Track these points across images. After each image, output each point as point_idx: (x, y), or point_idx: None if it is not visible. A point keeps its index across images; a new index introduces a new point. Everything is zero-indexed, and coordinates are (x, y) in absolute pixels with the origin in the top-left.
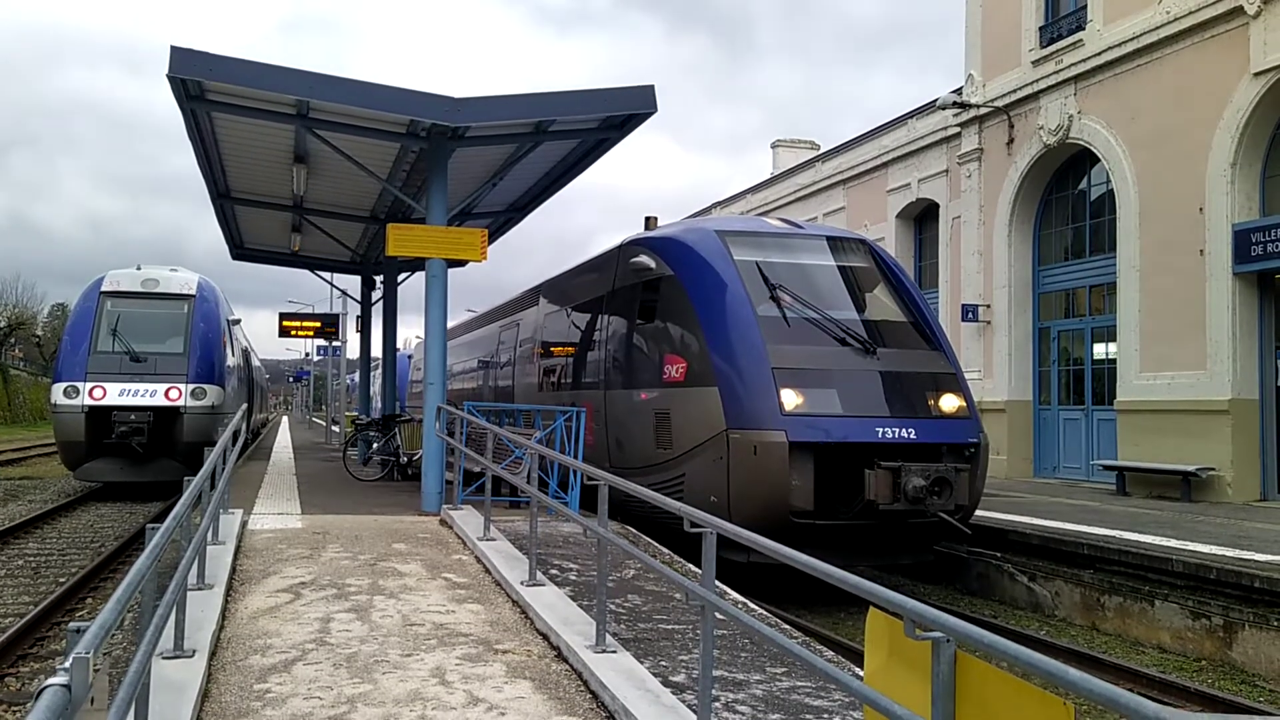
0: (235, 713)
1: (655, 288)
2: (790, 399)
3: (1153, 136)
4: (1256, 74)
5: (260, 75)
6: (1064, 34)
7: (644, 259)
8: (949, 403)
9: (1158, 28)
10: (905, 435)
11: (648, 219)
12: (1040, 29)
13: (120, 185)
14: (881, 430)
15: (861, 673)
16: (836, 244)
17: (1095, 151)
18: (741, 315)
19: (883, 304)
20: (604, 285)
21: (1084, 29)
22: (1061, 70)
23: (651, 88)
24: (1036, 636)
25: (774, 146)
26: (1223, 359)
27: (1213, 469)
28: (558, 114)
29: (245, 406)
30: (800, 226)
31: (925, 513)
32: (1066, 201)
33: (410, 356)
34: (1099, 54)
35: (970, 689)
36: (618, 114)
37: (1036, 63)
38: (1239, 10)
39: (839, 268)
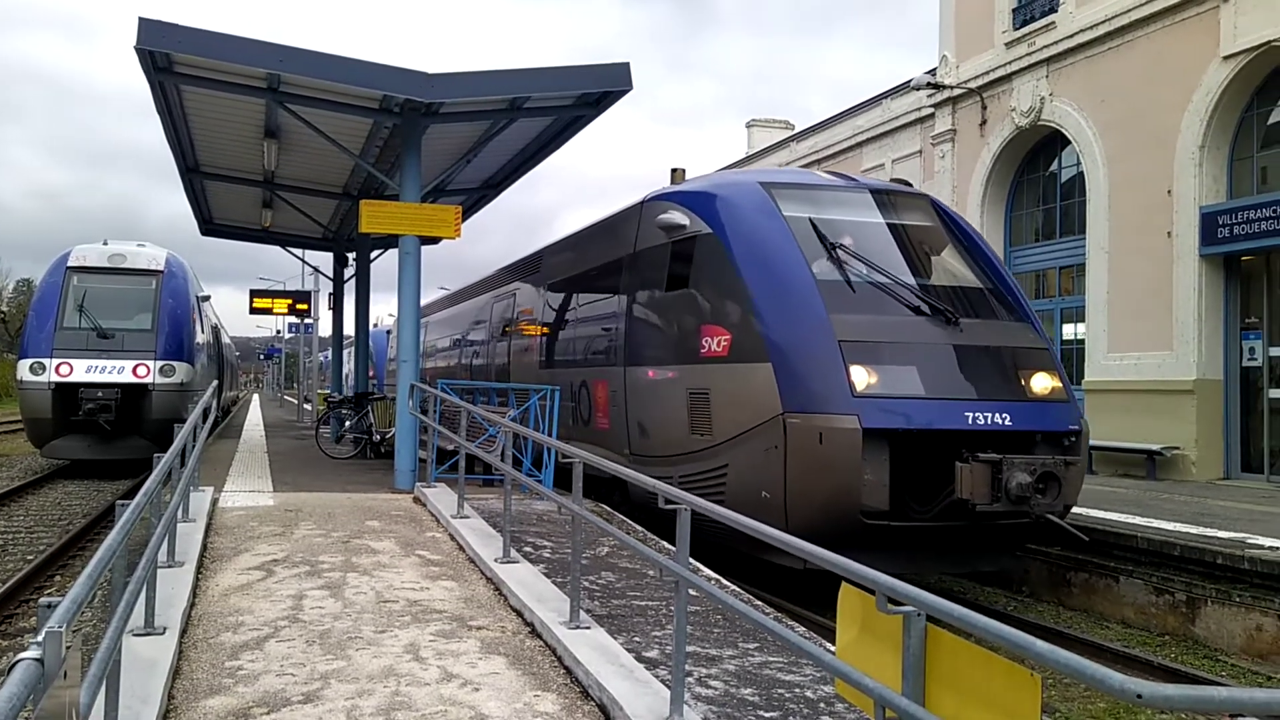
0: (207, 689)
1: (689, 248)
2: (862, 377)
3: (1123, 119)
4: (1226, 57)
5: (230, 48)
6: (1036, 16)
7: (674, 215)
8: (1043, 383)
9: (1129, 10)
10: (999, 421)
11: (674, 171)
12: (1013, 11)
13: (69, 156)
14: (971, 415)
15: (833, 647)
16: (897, 199)
17: (1066, 134)
18: (798, 278)
19: (956, 268)
20: (622, 248)
21: (1056, 11)
22: (1034, 52)
23: (627, 65)
24: (1005, 612)
25: (749, 126)
26: (1189, 340)
27: (1177, 448)
28: (533, 91)
29: (215, 384)
30: (853, 179)
31: (1028, 514)
32: (1038, 183)
33: (389, 333)
34: (1071, 36)
35: (940, 661)
36: (593, 91)
37: (1009, 44)
38: None
39: (904, 226)
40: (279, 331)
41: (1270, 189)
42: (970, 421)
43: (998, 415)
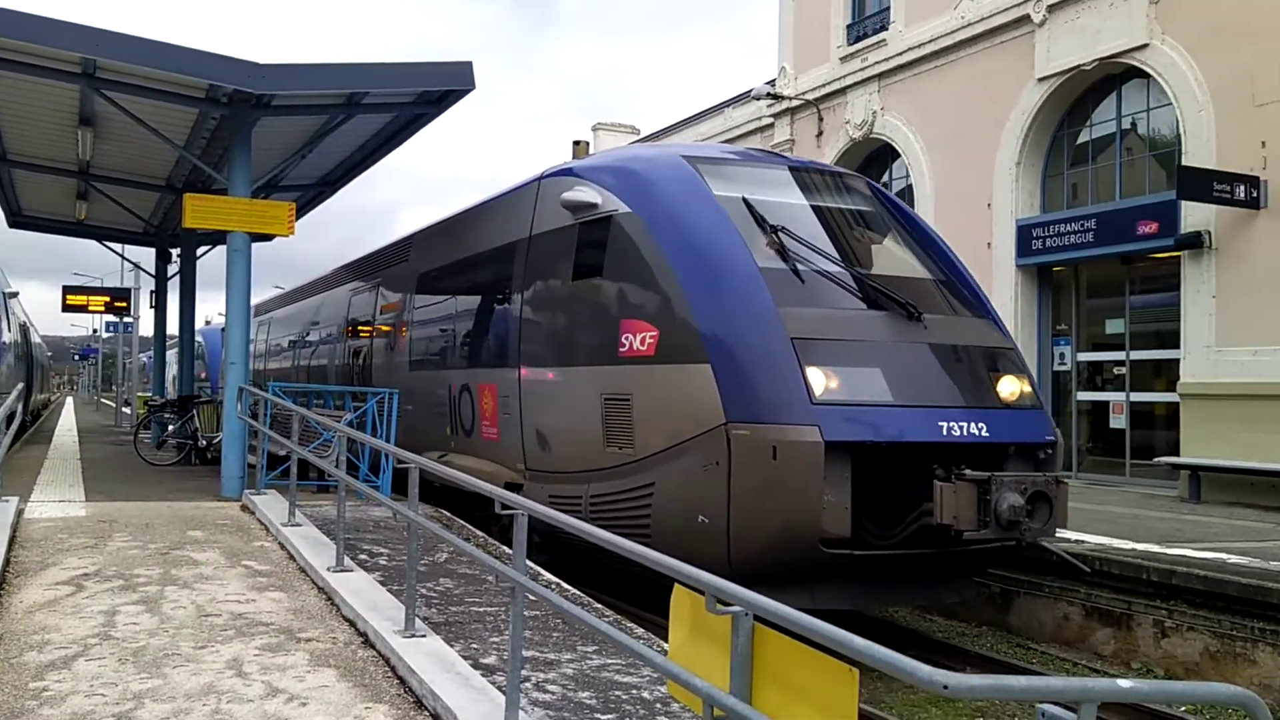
0: (9, 713)
1: (602, 231)
2: (820, 381)
3: (947, 134)
4: (1040, 79)
5: (40, 29)
6: (869, 33)
7: (583, 193)
8: (1013, 388)
9: (953, 31)
10: (975, 432)
11: (576, 144)
12: (847, 27)
13: None
14: (946, 425)
15: (668, 648)
16: (832, 179)
17: (896, 147)
18: (740, 265)
19: (906, 257)
20: (514, 231)
21: (887, 29)
22: (866, 68)
23: (469, 64)
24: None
25: (595, 129)
26: None
27: None
28: (371, 86)
29: (22, 386)
30: (779, 155)
31: (1018, 541)
32: None
33: (224, 331)
34: (900, 54)
35: (766, 659)
36: (434, 89)
37: (844, 59)
38: (1026, 19)
39: (845, 210)
40: (96, 330)
41: (1079, 204)
42: (945, 433)
43: (974, 425)
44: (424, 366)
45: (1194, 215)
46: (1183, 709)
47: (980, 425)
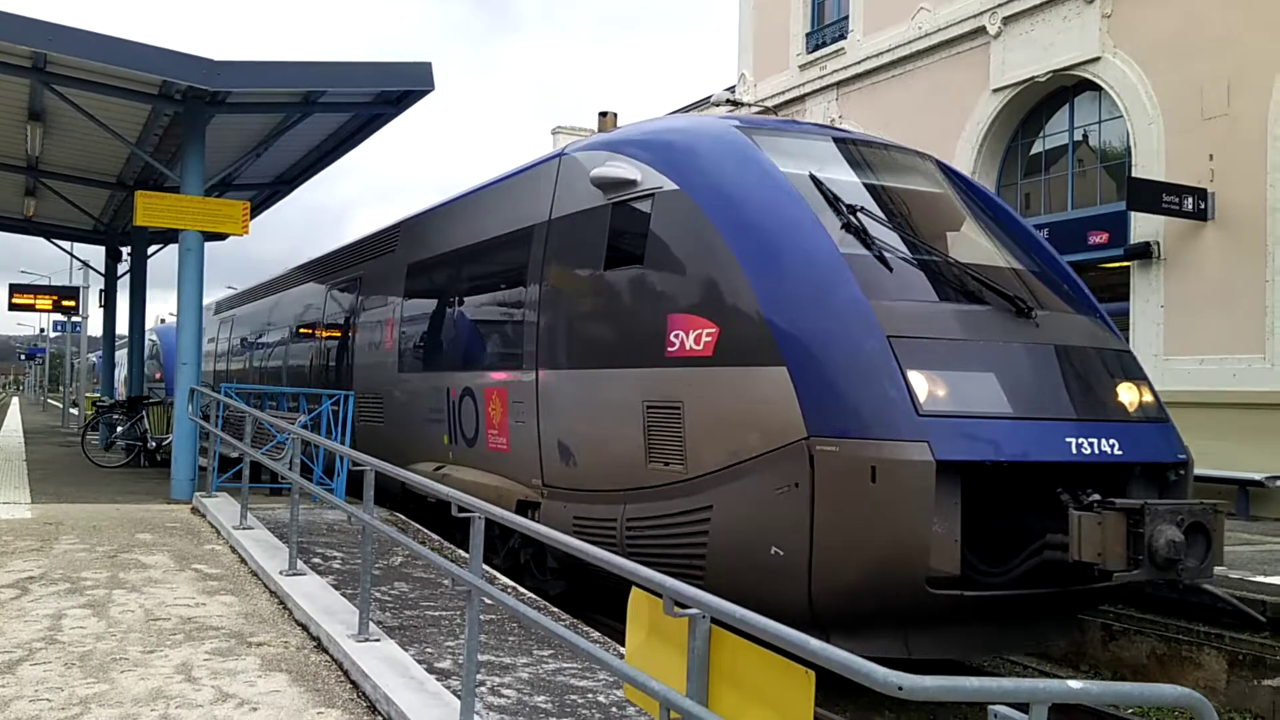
0: None
1: (641, 211)
2: (925, 388)
3: (904, 143)
4: (995, 90)
5: None
6: (828, 41)
7: (617, 168)
8: (1134, 396)
9: (911, 41)
10: (1107, 449)
11: (603, 115)
12: (807, 35)
13: None
14: (1075, 442)
15: (625, 651)
16: (902, 157)
17: None
18: (818, 250)
19: (993, 245)
20: (529, 214)
21: (846, 38)
22: (825, 76)
23: (429, 65)
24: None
25: (554, 132)
26: None
27: None
28: (328, 85)
29: None
30: (837, 129)
31: (1176, 584)
32: None
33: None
34: (859, 63)
35: (723, 662)
36: (393, 89)
37: (803, 67)
38: (982, 30)
39: (924, 191)
40: (43, 330)
41: (1032, 214)
42: (1075, 450)
43: (1104, 441)
44: (416, 368)
45: (1144, 226)
46: (1129, 711)
47: (1111, 442)
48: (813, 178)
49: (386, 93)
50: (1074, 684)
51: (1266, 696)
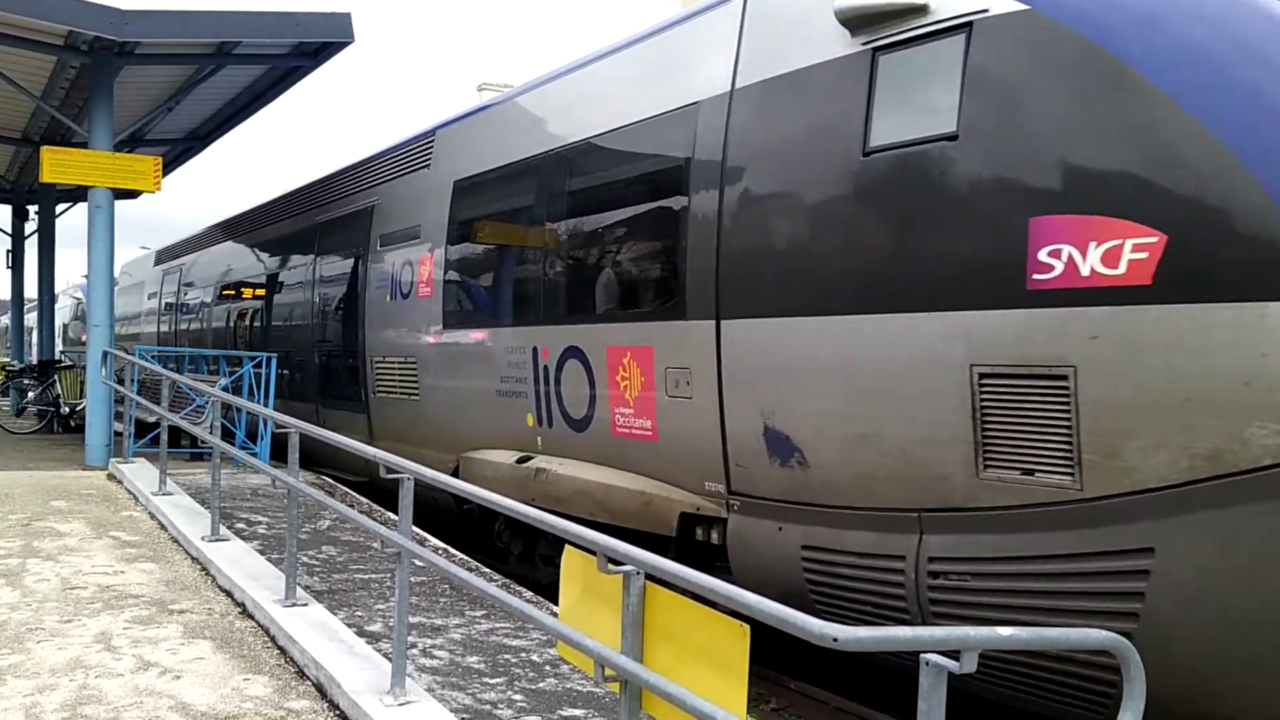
0: None
1: (938, 55)
2: None
3: None
4: None
5: None
6: None
7: None
8: None
9: None
10: None
11: None
12: None
13: None
14: None
15: (558, 610)
16: None
17: None
18: None
19: None
20: (686, 88)
21: None
22: None
23: (348, 15)
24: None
25: (480, 89)
26: None
27: None
28: (242, 35)
29: None
30: None
31: None
32: None
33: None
34: None
35: (658, 617)
36: (311, 41)
37: None
38: None
39: None
40: None
41: None
42: None
43: None
44: (474, 322)
45: None
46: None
47: None
48: None
49: (304, 44)
50: (1003, 631)
51: None
